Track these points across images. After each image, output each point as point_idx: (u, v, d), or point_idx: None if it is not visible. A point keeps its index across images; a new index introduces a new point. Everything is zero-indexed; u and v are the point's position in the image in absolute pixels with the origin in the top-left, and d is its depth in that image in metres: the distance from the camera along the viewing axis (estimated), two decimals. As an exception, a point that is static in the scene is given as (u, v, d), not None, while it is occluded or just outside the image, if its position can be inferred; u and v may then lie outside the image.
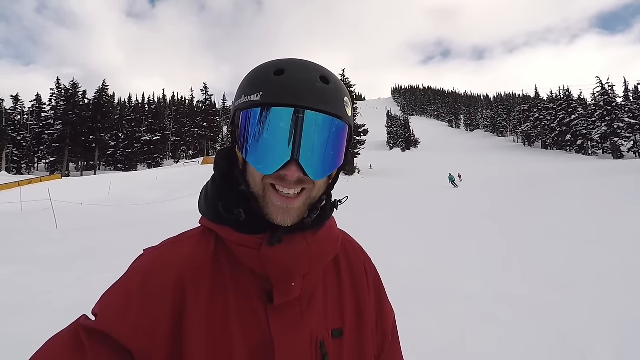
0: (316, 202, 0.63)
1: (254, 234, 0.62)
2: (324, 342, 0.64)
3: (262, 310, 0.61)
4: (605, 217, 9.05)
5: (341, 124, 0.60)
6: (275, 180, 0.58)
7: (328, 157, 0.59)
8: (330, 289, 0.70)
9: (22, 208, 17.20)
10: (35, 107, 64.33)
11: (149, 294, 0.59)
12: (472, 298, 4.38)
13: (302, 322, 0.63)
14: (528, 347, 3.16)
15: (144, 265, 0.62)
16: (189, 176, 30.27)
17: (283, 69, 0.59)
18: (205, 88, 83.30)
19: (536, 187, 16.83)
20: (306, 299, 0.65)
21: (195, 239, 0.66)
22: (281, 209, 0.59)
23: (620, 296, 4.15)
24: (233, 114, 0.63)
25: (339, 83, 0.62)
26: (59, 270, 6.06)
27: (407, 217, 11.66)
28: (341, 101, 0.60)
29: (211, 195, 0.67)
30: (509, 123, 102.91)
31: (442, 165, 39.21)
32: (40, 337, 0.50)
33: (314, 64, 0.62)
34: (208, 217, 0.67)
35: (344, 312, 0.69)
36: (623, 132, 53.70)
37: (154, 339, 0.57)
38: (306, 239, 0.63)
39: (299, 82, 0.57)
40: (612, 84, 57.09)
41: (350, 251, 0.77)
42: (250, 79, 0.62)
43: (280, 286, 0.62)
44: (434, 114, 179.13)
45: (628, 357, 2.92)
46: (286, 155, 0.56)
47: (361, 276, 0.75)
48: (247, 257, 0.61)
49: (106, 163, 65.95)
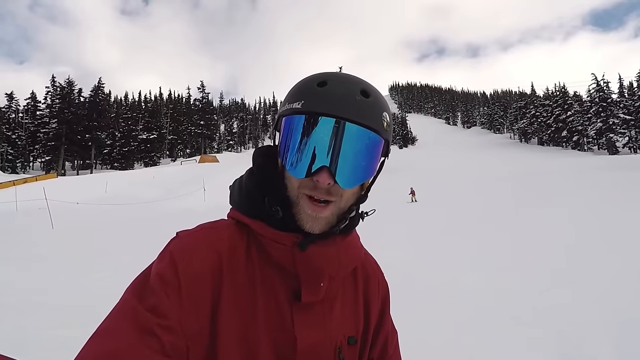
0: (345, 212, 0.65)
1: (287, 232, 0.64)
2: (342, 348, 0.66)
3: (287, 308, 0.63)
4: (608, 212, 9.13)
5: (376, 137, 0.62)
6: (309, 189, 0.61)
7: (359, 167, 0.61)
8: (347, 297, 0.72)
9: (17, 207, 17.11)
10: (30, 105, 63.77)
11: (194, 274, 0.59)
12: (470, 294, 4.42)
13: (324, 325, 0.65)
14: (529, 341, 3.21)
15: (188, 245, 0.62)
16: (186, 175, 30.21)
17: (326, 81, 0.62)
18: (202, 86, 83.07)
19: (538, 184, 16.91)
20: (328, 303, 0.67)
21: (231, 228, 0.67)
22: (311, 217, 0.61)
23: (619, 293, 4.20)
24: (277, 120, 0.67)
25: (379, 98, 0.64)
26: (55, 270, 6.05)
27: (410, 215, 11.71)
28: (379, 115, 0.62)
29: (249, 188, 0.68)
30: (505, 120, 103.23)
31: (440, 162, 39.33)
32: (36, 336, 0.50)
33: (356, 77, 0.65)
34: (241, 210, 0.68)
35: (357, 321, 0.71)
36: (618, 128, 54.00)
37: (200, 320, 0.57)
38: (335, 244, 0.65)
39: (340, 94, 0.60)
40: (607, 81, 57.33)
41: (367, 264, 0.79)
42: (295, 89, 0.65)
43: (309, 285, 0.63)
44: (431, 111, 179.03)
45: (627, 351, 2.96)
46: (319, 161, 0.58)
47: (374, 288, 0.77)
48: (280, 253, 0.63)
49: (102, 162, 65.59)
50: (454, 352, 3.10)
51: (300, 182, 0.61)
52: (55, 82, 60.71)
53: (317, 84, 0.62)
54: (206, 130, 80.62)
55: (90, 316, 0.45)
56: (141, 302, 0.56)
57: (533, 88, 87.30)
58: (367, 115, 0.60)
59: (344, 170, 0.59)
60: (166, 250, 0.62)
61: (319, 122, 0.59)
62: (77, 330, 3.67)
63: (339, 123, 0.58)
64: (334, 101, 0.59)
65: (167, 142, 76.58)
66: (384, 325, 0.79)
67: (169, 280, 0.57)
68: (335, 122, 0.58)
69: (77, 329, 3.70)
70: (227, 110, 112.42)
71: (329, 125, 0.58)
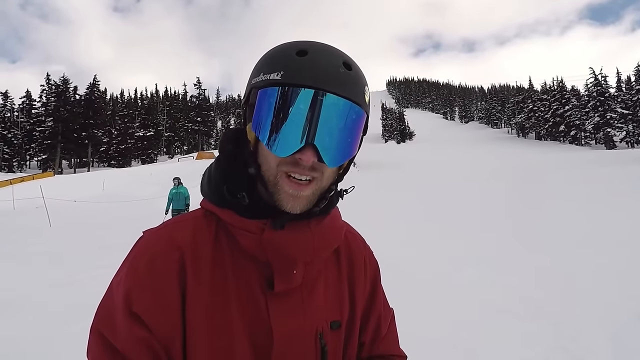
0: (325, 191, 0.62)
1: (257, 219, 0.61)
2: (323, 334, 0.64)
3: (261, 297, 0.61)
4: (607, 206, 9.17)
5: (360, 111, 0.58)
6: (289, 167, 0.56)
7: (345, 144, 0.57)
8: (331, 280, 0.69)
9: (14, 206, 17.04)
10: (26, 104, 63.40)
11: (157, 281, 0.58)
12: (469, 287, 4.44)
13: (303, 312, 0.63)
14: (525, 335, 3.23)
15: (148, 248, 0.61)
16: (184, 171, 30.11)
17: (306, 50, 0.57)
18: (199, 82, 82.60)
19: (537, 177, 16.96)
20: (307, 288, 0.64)
21: (196, 220, 0.64)
22: (292, 196, 0.57)
23: (617, 288, 4.23)
24: (248, 92, 0.60)
25: (360, 71, 0.60)
26: (52, 268, 6.04)
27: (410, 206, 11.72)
28: (362, 89, 0.59)
29: (215, 177, 0.65)
30: (503, 114, 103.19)
31: (437, 156, 39.41)
32: (33, 335, 0.50)
33: (336, 49, 0.60)
34: (210, 199, 0.65)
35: (342, 305, 0.69)
36: (616, 122, 54.06)
37: (170, 321, 0.57)
38: (310, 227, 0.62)
39: (322, 65, 0.55)
40: (605, 75, 57.31)
41: (351, 243, 0.75)
42: (270, 57, 0.59)
43: (281, 273, 0.61)
44: (428, 106, 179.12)
45: (624, 344, 2.98)
46: (303, 138, 0.54)
47: (359, 268, 0.74)
48: (249, 242, 0.60)
49: (99, 160, 65.39)
50: (451, 346, 3.12)
51: (280, 161, 0.57)
52: (50, 80, 60.36)
53: (296, 52, 0.57)
54: (203, 126, 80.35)
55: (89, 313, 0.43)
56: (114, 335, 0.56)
57: (531, 82, 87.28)
58: (352, 88, 0.57)
59: (330, 147, 0.55)
60: (133, 253, 0.61)
61: (302, 95, 0.53)
62: (76, 326, 3.67)
63: (323, 96, 0.53)
64: (317, 73, 0.54)
65: (164, 139, 76.35)
66: (375, 307, 0.76)
67: (143, 283, 0.57)
68: (319, 95, 0.53)
69: (77, 324, 3.70)
70: (224, 107, 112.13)
71: (313, 98, 0.53)
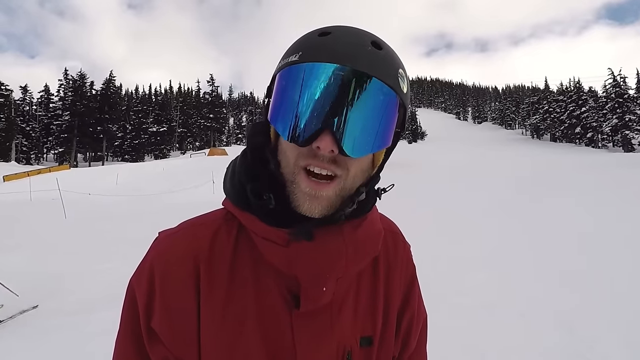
0: (352, 194, 0.53)
1: (282, 227, 0.52)
2: (352, 353, 0.57)
3: (286, 315, 0.54)
4: (625, 210, 8.94)
5: (392, 94, 0.49)
6: (307, 160, 0.49)
7: (371, 130, 0.49)
8: (364, 292, 0.60)
9: (31, 198, 17.45)
10: (44, 98, 64.91)
11: (172, 299, 0.53)
12: (479, 292, 4.38)
13: (332, 332, 0.55)
14: (534, 335, 3.17)
15: (162, 254, 0.55)
16: (196, 167, 30.42)
17: (329, 31, 0.51)
18: (212, 79, 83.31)
19: (555, 180, 16.64)
20: (337, 305, 0.56)
21: (216, 224, 0.57)
22: (309, 195, 0.50)
23: (629, 292, 4.12)
24: (271, 82, 0.54)
25: (394, 53, 0.53)
26: (68, 258, 6.18)
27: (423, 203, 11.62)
28: (395, 71, 0.51)
29: (238, 174, 0.57)
30: (517, 115, 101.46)
31: (448, 157, 38.92)
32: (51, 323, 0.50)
33: (366, 31, 0.53)
34: (232, 200, 0.58)
35: (375, 319, 0.61)
36: (635, 125, 52.63)
37: (186, 334, 0.53)
38: (343, 235, 0.54)
39: (346, 44, 0.49)
40: (625, 76, 55.74)
41: (391, 247, 0.66)
42: (293, 43, 0.54)
43: (309, 291, 0.53)
44: (441, 106, 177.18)
45: (637, 347, 2.91)
46: (320, 122, 0.46)
47: (398, 279, 0.65)
48: (273, 254, 0.53)
49: (114, 154, 66.57)
50: (463, 350, 3.08)
51: (298, 153, 0.50)
52: (67, 75, 61.67)
53: (319, 34, 0.51)
54: (215, 123, 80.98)
55: (103, 303, 0.45)
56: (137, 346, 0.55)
57: (547, 83, 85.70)
58: (381, 67, 0.49)
59: (352, 133, 0.47)
60: (145, 262, 0.56)
61: (321, 73, 0.47)
62: (91, 315, 3.76)
63: (345, 73, 0.46)
64: (339, 49, 0.48)
65: (176, 135, 77.24)
66: (407, 312, 0.67)
67: (148, 309, 0.53)
68: (339, 71, 0.46)
69: (91, 314, 3.79)
70: (236, 104, 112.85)
71: (333, 76, 0.46)
